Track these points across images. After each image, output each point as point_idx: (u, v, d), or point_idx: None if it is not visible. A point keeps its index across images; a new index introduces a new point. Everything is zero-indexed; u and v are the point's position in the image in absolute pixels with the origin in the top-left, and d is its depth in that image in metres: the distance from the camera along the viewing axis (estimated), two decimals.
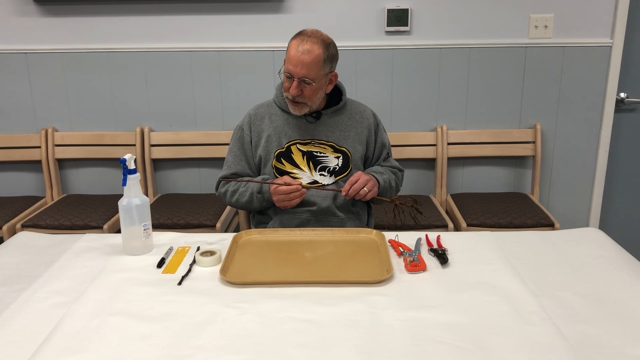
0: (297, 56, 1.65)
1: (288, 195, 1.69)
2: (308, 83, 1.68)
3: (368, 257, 1.49)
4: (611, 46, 2.58)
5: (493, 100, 2.68)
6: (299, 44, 1.66)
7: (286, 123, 1.81)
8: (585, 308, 1.24)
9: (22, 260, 1.53)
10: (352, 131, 1.82)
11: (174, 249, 1.56)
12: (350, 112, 1.84)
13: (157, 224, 2.34)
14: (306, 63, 1.65)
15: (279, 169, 1.80)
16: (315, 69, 1.66)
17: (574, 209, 2.81)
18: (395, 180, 1.87)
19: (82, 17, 2.61)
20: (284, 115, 1.82)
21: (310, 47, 1.65)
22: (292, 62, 1.66)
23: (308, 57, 1.65)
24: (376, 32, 2.61)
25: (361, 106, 1.88)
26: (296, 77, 1.67)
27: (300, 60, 1.65)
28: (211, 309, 1.24)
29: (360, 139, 1.83)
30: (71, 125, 2.75)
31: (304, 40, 1.66)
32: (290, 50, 1.68)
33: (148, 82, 2.69)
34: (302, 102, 1.72)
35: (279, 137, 1.80)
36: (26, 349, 1.11)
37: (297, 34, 1.71)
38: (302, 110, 1.75)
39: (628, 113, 2.75)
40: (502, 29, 2.60)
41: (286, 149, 1.79)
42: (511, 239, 1.61)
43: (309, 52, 1.65)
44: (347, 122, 1.82)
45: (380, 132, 1.89)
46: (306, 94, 1.70)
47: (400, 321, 1.18)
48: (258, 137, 1.82)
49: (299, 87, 1.68)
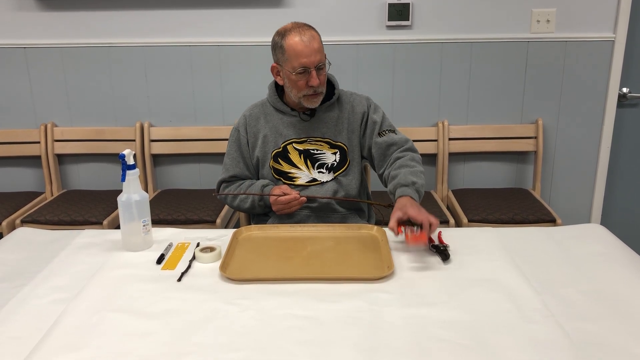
0: (307, 46, 1.65)
1: (286, 205, 1.69)
2: (321, 68, 1.69)
3: (369, 253, 1.48)
4: (614, 41, 2.57)
5: (495, 95, 2.67)
6: (299, 37, 1.65)
7: (281, 123, 1.79)
8: (588, 305, 1.23)
9: (22, 256, 1.52)
10: (345, 123, 1.81)
11: (173, 245, 1.55)
12: (342, 105, 1.82)
13: (157, 219, 2.33)
14: (317, 48, 1.66)
15: (277, 169, 1.78)
16: (323, 52, 1.69)
17: (576, 204, 2.80)
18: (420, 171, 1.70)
19: (81, 12, 2.60)
20: (278, 115, 1.81)
21: (310, 34, 1.67)
22: (305, 55, 1.65)
23: (316, 43, 1.66)
24: (377, 27, 2.60)
25: (352, 96, 1.85)
26: (313, 66, 1.66)
27: (312, 48, 1.65)
28: (211, 305, 1.23)
29: (354, 129, 1.81)
30: (71, 121, 2.74)
31: (301, 32, 1.66)
32: (293, 47, 1.65)
33: (148, 77, 2.68)
34: (320, 91, 1.72)
35: (275, 137, 1.79)
36: (26, 345, 1.11)
37: (285, 33, 1.67)
38: (319, 100, 1.74)
39: (630, 108, 2.73)
40: (504, 23, 2.58)
41: (283, 149, 1.78)
42: (513, 235, 1.60)
43: (314, 37, 1.67)
44: (340, 115, 1.81)
45: (371, 112, 1.83)
46: (321, 80, 1.71)
47: (401, 318, 1.17)
48: (254, 138, 1.81)
49: (318, 75, 1.68)
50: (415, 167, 1.71)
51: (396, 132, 1.82)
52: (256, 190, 1.75)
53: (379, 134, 1.80)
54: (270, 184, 1.77)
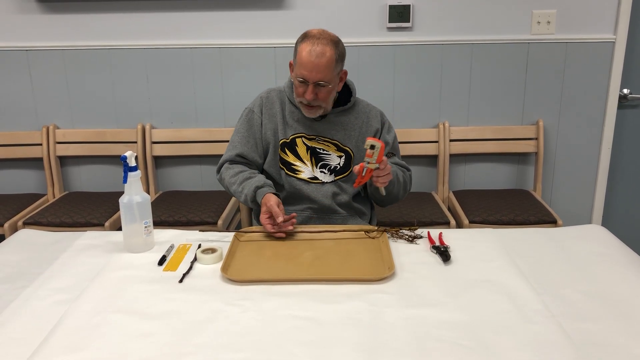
0: (310, 61, 1.62)
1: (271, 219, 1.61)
2: (323, 86, 1.66)
3: (370, 254, 1.48)
4: (614, 42, 2.57)
5: (495, 96, 2.67)
6: (310, 48, 1.62)
7: (293, 115, 1.80)
8: (589, 306, 1.23)
9: (24, 258, 1.53)
10: (356, 131, 1.81)
11: (175, 247, 1.56)
12: (357, 113, 1.82)
13: (158, 221, 2.34)
14: (321, 67, 1.62)
15: (282, 159, 1.79)
16: (329, 71, 1.64)
17: (577, 205, 2.80)
18: (403, 176, 1.81)
19: (82, 14, 2.61)
20: (291, 107, 1.80)
21: (322, 49, 1.62)
22: (306, 68, 1.62)
23: (322, 61, 1.62)
24: (378, 28, 2.60)
25: (369, 107, 1.86)
26: (311, 81, 1.64)
27: (315, 64, 1.61)
28: (212, 306, 1.24)
29: (363, 140, 1.82)
30: (72, 123, 2.75)
31: (315, 43, 1.62)
32: (301, 55, 1.63)
33: (149, 79, 2.69)
34: (317, 105, 1.70)
35: (285, 127, 1.79)
36: (28, 346, 1.11)
37: (304, 37, 1.66)
38: (316, 113, 1.73)
39: (631, 109, 2.73)
40: (505, 25, 2.58)
41: (290, 141, 1.78)
42: (514, 236, 1.60)
43: (322, 55, 1.62)
44: (353, 122, 1.81)
45: (384, 132, 1.86)
46: (321, 97, 1.67)
47: (402, 319, 1.18)
48: (269, 120, 1.80)
49: (314, 91, 1.65)
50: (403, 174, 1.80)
51: (401, 158, 1.87)
52: (250, 189, 1.71)
53: (387, 155, 1.82)
54: (266, 187, 1.71)
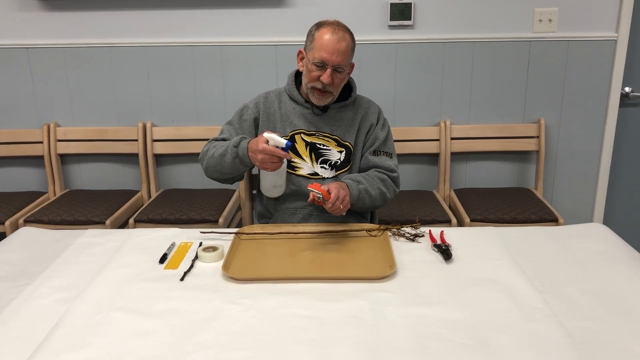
0: (333, 44, 1.65)
1: (272, 157, 1.56)
2: (340, 71, 1.69)
3: (371, 252, 1.48)
4: (616, 40, 2.56)
5: (497, 94, 2.67)
6: (331, 32, 1.66)
7: (293, 112, 1.80)
8: (590, 304, 1.23)
9: (25, 256, 1.53)
10: (356, 126, 1.81)
11: (176, 245, 1.56)
12: (356, 108, 1.83)
13: (159, 219, 2.34)
14: (342, 51, 1.66)
15: None
16: (347, 57, 1.69)
17: (578, 204, 2.79)
18: (379, 188, 1.73)
19: (83, 12, 2.60)
20: (291, 104, 1.81)
21: (342, 35, 1.67)
22: (327, 50, 1.65)
23: (342, 45, 1.66)
24: (379, 26, 2.60)
25: (369, 103, 1.87)
26: (331, 64, 1.66)
27: (337, 48, 1.65)
28: (214, 305, 1.24)
29: (361, 134, 1.82)
30: (73, 121, 2.75)
31: (335, 29, 1.67)
32: (322, 38, 1.67)
33: (150, 77, 2.68)
34: (330, 91, 1.72)
35: (284, 124, 1.79)
36: (29, 344, 1.11)
37: (321, 25, 1.70)
38: (326, 100, 1.74)
39: (633, 107, 2.73)
40: (506, 23, 2.58)
41: (290, 138, 1.78)
42: (515, 235, 1.60)
43: (343, 40, 1.66)
44: (352, 117, 1.81)
45: (378, 127, 1.85)
46: (336, 83, 1.70)
47: (403, 318, 1.18)
48: (266, 117, 1.80)
49: (331, 75, 1.68)
50: (377, 184, 1.71)
51: (392, 158, 1.82)
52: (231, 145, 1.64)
53: (374, 152, 1.80)
54: (245, 137, 1.66)
